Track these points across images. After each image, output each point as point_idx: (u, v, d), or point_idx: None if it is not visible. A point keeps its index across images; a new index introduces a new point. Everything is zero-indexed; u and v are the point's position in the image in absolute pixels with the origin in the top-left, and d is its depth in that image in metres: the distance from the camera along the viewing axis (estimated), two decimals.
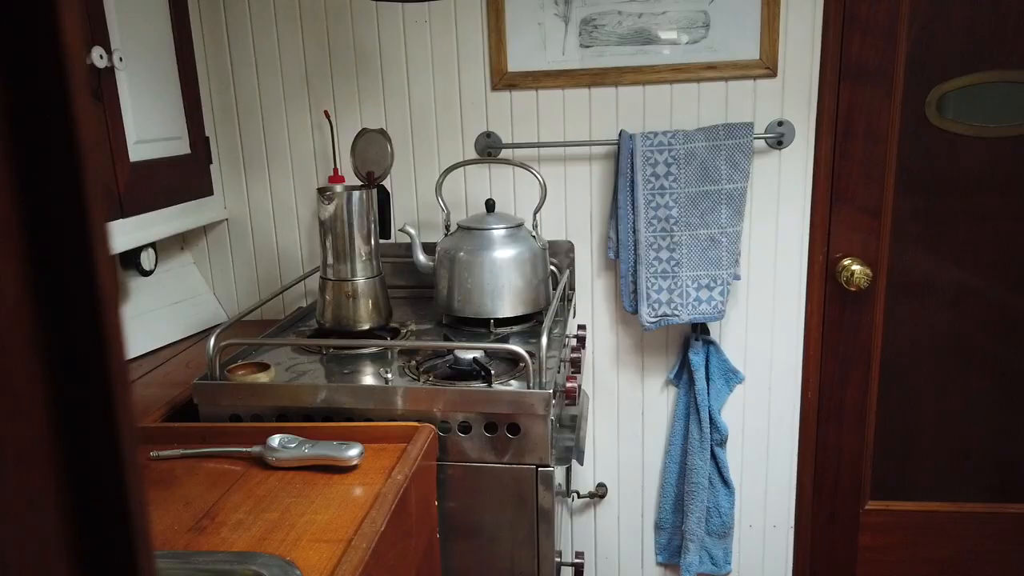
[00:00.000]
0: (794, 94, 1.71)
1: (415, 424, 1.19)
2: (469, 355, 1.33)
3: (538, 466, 1.25)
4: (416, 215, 1.86)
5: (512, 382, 1.28)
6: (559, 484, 1.54)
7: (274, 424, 1.23)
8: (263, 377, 1.30)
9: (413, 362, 1.38)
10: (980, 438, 1.86)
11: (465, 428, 1.25)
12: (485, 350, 1.35)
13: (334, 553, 0.90)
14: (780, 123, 1.73)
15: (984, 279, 1.77)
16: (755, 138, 1.70)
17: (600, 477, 1.99)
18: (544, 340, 1.25)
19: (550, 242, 1.83)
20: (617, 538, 2.02)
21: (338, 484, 1.08)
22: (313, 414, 1.28)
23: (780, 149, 1.75)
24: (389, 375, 1.29)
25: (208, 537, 0.96)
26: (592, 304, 1.88)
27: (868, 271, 1.75)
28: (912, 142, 1.72)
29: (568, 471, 1.61)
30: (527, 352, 1.25)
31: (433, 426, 1.21)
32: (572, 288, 1.87)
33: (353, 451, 1.11)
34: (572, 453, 1.37)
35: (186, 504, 1.05)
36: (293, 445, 1.13)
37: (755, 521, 1.96)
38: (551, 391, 1.22)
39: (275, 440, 1.14)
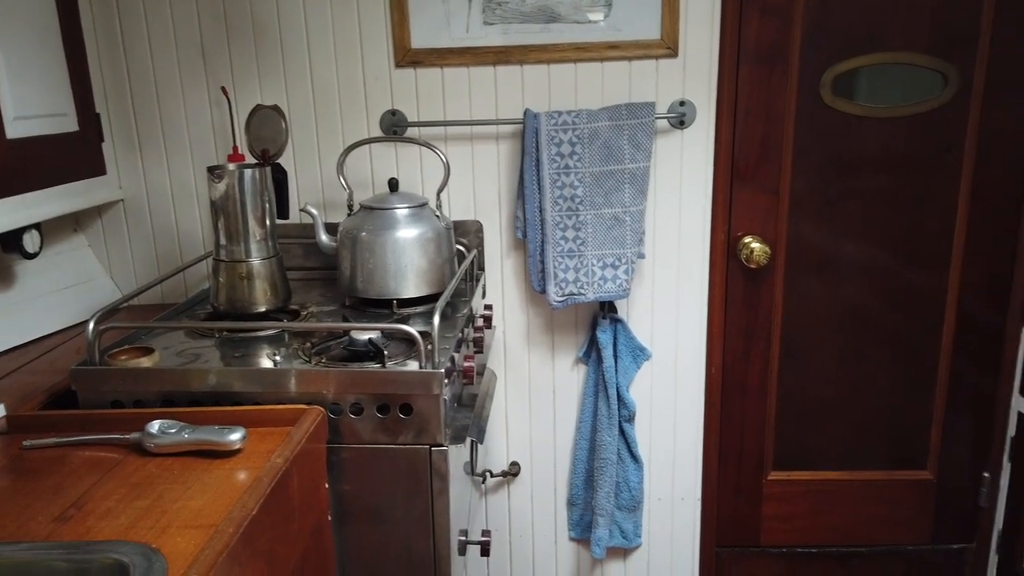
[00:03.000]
0: (695, 74, 1.73)
1: (301, 407, 1.17)
2: (365, 336, 1.31)
3: (431, 446, 1.24)
4: (321, 195, 1.82)
5: (409, 363, 1.28)
6: (465, 463, 1.54)
7: (156, 410, 1.19)
8: (145, 362, 1.26)
9: (308, 344, 1.36)
10: (876, 408, 1.94)
11: (357, 410, 1.23)
12: (382, 331, 1.34)
13: (203, 539, 0.88)
14: (682, 103, 1.75)
15: (878, 255, 1.84)
16: (657, 118, 1.72)
17: (513, 456, 2.00)
18: (437, 320, 1.24)
19: (458, 222, 1.83)
20: (531, 515, 2.04)
21: (218, 469, 1.06)
22: (201, 399, 1.25)
23: (682, 129, 1.77)
24: (278, 357, 1.27)
25: (72, 527, 0.93)
26: (502, 283, 1.88)
27: (767, 248, 1.80)
28: (808, 122, 1.77)
29: (474, 450, 1.62)
30: (420, 332, 1.24)
31: (321, 408, 1.19)
32: (481, 268, 1.86)
33: (235, 435, 1.08)
34: (469, 432, 1.37)
35: (55, 494, 1.01)
36: (173, 431, 1.10)
37: (664, 494, 2.00)
38: (443, 371, 1.22)
39: (154, 426, 1.11)
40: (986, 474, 1.95)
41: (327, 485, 1.21)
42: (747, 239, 1.82)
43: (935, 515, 1.98)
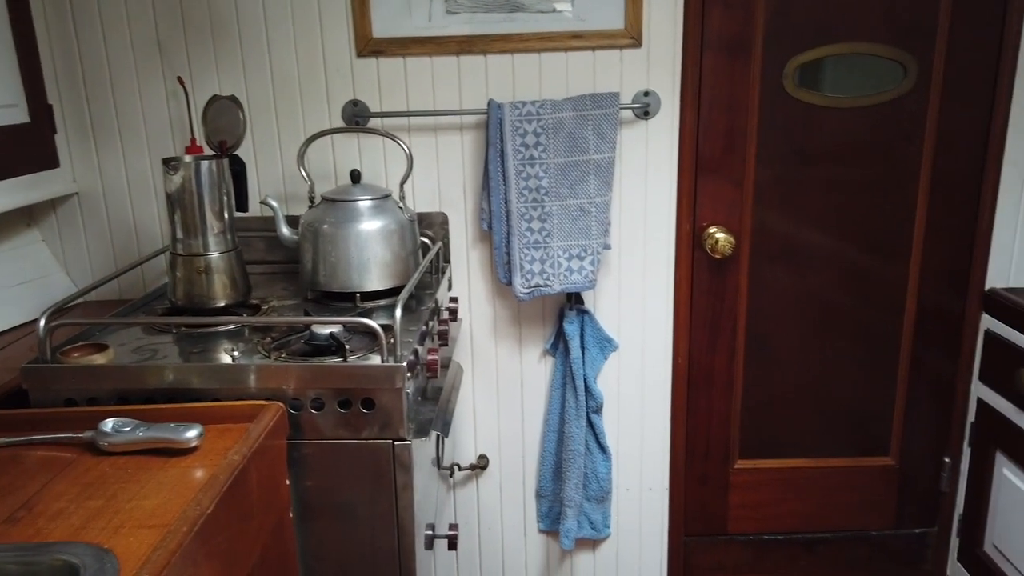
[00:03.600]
0: (659, 65, 1.73)
1: (260, 402, 1.15)
2: (326, 330, 1.29)
3: (395, 440, 1.23)
4: (282, 187, 1.79)
5: (372, 357, 1.26)
6: (431, 457, 1.53)
7: (110, 408, 1.16)
8: (99, 359, 1.23)
9: (268, 339, 1.34)
10: (840, 396, 1.96)
11: (318, 405, 1.22)
12: (343, 324, 1.32)
13: (156, 539, 0.86)
14: (646, 93, 1.75)
15: (840, 244, 1.86)
16: (621, 108, 1.72)
17: (481, 449, 2.00)
18: (398, 313, 1.22)
19: (423, 214, 1.81)
20: (500, 508, 2.03)
21: (174, 468, 1.03)
22: (157, 396, 1.22)
23: (647, 119, 1.77)
24: (236, 353, 1.24)
25: (22, 528, 0.90)
26: (468, 276, 1.87)
27: (732, 239, 1.80)
28: (771, 113, 1.78)
29: (440, 444, 1.60)
30: (382, 326, 1.23)
31: (281, 404, 1.17)
32: (447, 260, 1.85)
33: (191, 433, 1.06)
34: (434, 425, 1.36)
35: (5, 495, 0.98)
36: (127, 429, 1.08)
37: (632, 485, 2.01)
38: (406, 364, 1.21)
39: (108, 424, 1.08)
40: (947, 459, 1.98)
41: (288, 482, 1.19)
42: (712, 229, 1.83)
43: (898, 500, 2.01)
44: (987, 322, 1.85)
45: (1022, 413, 1.71)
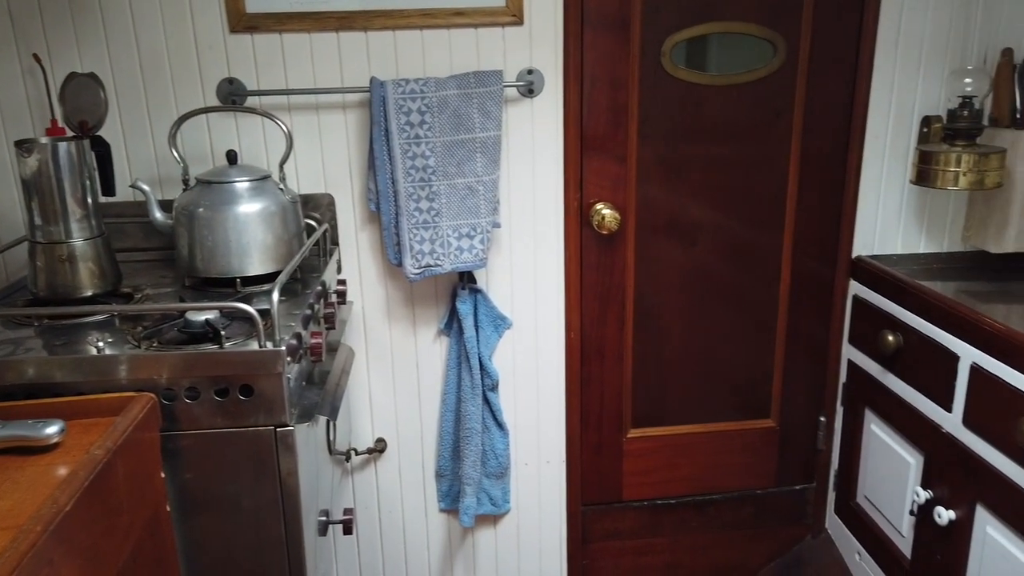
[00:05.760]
0: (541, 42, 1.74)
1: (129, 394, 1.10)
2: (201, 317, 1.25)
3: (277, 427, 1.20)
4: (156, 170, 1.71)
5: (251, 343, 1.22)
6: (322, 442, 1.51)
7: None
8: None
9: (140, 328, 1.28)
10: (724, 363, 2.04)
11: (193, 394, 1.18)
12: (219, 310, 1.28)
13: (7, 540, 0.81)
14: (530, 71, 1.76)
15: (721, 217, 1.93)
16: (506, 86, 1.72)
17: (379, 432, 1.98)
18: (275, 296, 1.19)
19: (308, 195, 1.77)
20: (400, 490, 2.03)
21: (33, 466, 0.98)
22: (17, 393, 1.15)
23: (532, 97, 1.78)
24: (101, 343, 1.18)
25: None
26: (358, 258, 1.84)
27: (617, 215, 1.85)
28: (652, 91, 1.82)
29: (331, 429, 1.58)
30: (261, 310, 1.20)
31: (152, 395, 1.12)
32: (335, 243, 1.81)
33: (51, 429, 1.01)
34: (321, 410, 1.33)
35: None
36: None
37: (530, 459, 2.04)
38: (285, 348, 1.18)
39: None
40: (822, 419, 2.10)
41: (163, 475, 1.15)
42: (599, 206, 1.86)
43: (779, 460, 2.12)
44: (855, 288, 1.97)
45: (887, 372, 1.83)
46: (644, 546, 2.14)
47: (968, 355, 1.55)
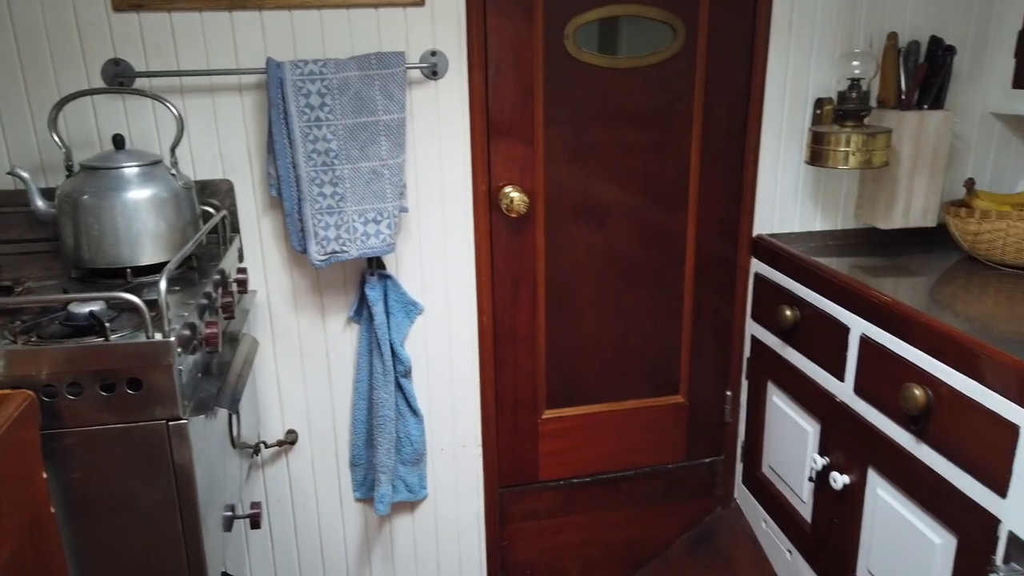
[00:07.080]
0: (444, 24, 1.72)
1: (2, 392, 1.04)
2: (85, 309, 1.19)
3: (169, 420, 1.16)
4: (38, 156, 1.62)
5: (139, 334, 1.17)
6: (224, 435, 1.46)
7: None
8: None
9: (17, 323, 1.21)
10: (635, 342, 2.08)
11: (76, 390, 1.12)
12: (105, 300, 1.22)
13: None
14: (433, 53, 1.74)
15: (627, 200, 1.96)
16: (408, 68, 1.69)
17: (289, 423, 1.94)
18: (163, 285, 1.15)
19: (205, 181, 1.70)
20: (313, 482, 1.99)
21: None
22: None
23: (436, 80, 1.76)
24: None
25: None
26: (261, 245, 1.79)
27: (526, 198, 1.85)
28: (556, 74, 1.83)
29: (234, 421, 1.53)
30: (147, 301, 1.15)
31: (30, 392, 1.06)
32: (236, 230, 1.76)
33: None
34: (219, 402, 1.29)
35: None
36: None
37: (446, 444, 2.04)
38: (175, 339, 1.14)
39: None
40: (728, 393, 2.17)
41: (46, 475, 1.09)
42: (507, 189, 1.86)
43: (688, 434, 2.18)
44: (756, 266, 2.04)
45: (786, 346, 1.90)
46: (561, 524, 2.16)
47: (858, 327, 1.62)
